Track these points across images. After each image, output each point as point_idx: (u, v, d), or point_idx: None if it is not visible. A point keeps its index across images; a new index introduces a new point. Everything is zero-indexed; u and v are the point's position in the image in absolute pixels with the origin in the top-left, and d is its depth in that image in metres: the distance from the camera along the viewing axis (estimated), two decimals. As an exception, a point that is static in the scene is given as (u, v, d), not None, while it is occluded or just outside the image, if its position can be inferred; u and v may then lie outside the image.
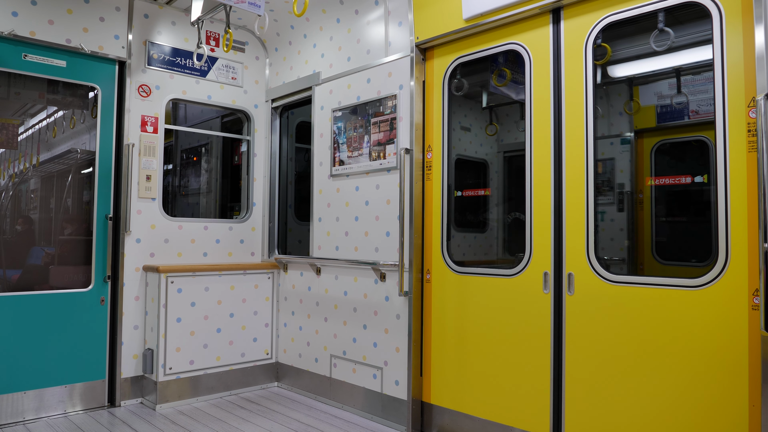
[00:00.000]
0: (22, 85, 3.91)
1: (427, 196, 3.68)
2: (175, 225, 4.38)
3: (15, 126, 3.92)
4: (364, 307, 3.95)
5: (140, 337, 4.19)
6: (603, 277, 2.81)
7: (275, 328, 4.71)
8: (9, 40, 3.70)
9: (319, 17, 4.36)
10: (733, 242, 2.43)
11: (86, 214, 4.12)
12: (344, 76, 4.18)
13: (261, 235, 4.88)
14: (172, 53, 4.40)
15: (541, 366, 3.04)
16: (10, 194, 3.96)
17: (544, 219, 3.06)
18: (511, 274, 3.20)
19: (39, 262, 3.97)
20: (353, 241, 4.05)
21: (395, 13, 3.82)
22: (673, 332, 2.57)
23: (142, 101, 4.23)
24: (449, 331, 3.51)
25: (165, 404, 4.05)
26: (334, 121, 4.24)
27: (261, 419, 3.83)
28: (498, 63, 3.64)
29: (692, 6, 2.60)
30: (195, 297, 4.25)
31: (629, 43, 3.41)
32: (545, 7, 3.03)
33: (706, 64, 3.15)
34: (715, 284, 2.47)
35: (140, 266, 4.20)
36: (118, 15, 4.11)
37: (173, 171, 5.91)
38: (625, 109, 3.81)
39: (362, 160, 3.99)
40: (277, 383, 4.70)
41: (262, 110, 4.94)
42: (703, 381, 2.49)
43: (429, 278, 3.65)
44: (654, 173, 3.81)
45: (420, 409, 3.64)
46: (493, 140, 4.38)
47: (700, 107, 3.44)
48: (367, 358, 3.91)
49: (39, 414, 3.78)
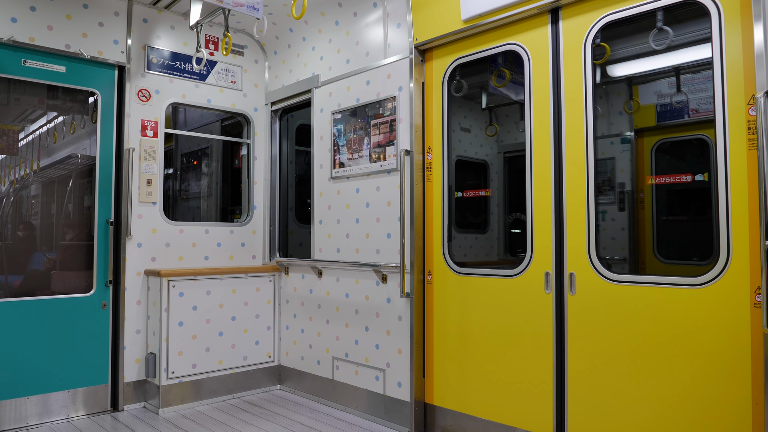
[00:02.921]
0: (21, 91, 3.91)
1: (428, 197, 3.68)
2: (176, 229, 4.38)
3: (15, 132, 3.93)
4: (365, 308, 3.95)
5: (142, 342, 4.19)
6: (604, 276, 2.81)
7: (277, 331, 4.71)
8: (8, 46, 3.71)
9: (317, 20, 4.36)
10: (734, 240, 2.43)
11: (87, 219, 4.13)
12: (343, 78, 4.18)
13: (262, 238, 4.88)
14: (172, 57, 4.41)
15: (543, 366, 3.04)
16: (11, 200, 3.97)
17: (545, 219, 3.06)
18: (513, 275, 3.20)
19: (40, 268, 3.97)
20: (354, 243, 4.05)
21: (394, 14, 3.83)
22: (675, 331, 2.57)
23: (141, 106, 4.23)
24: (451, 332, 3.51)
25: (168, 408, 4.05)
26: (333, 124, 4.24)
27: (264, 422, 3.83)
28: (497, 64, 3.64)
29: (691, 4, 2.60)
30: (197, 301, 4.25)
31: (628, 43, 3.40)
32: (543, 7, 3.04)
33: (706, 63, 3.14)
34: (717, 282, 2.47)
35: (141, 270, 4.20)
36: (117, 20, 4.12)
37: (174, 175, 5.91)
38: (625, 108, 3.81)
39: (362, 162, 3.99)
40: (279, 386, 4.70)
41: (262, 113, 4.94)
42: (706, 379, 2.49)
43: (430, 279, 3.64)
44: (654, 172, 3.81)
45: (423, 411, 3.63)
46: (493, 141, 4.38)
47: (699, 106, 3.44)
48: (369, 360, 3.91)
49: (42, 419, 3.78)
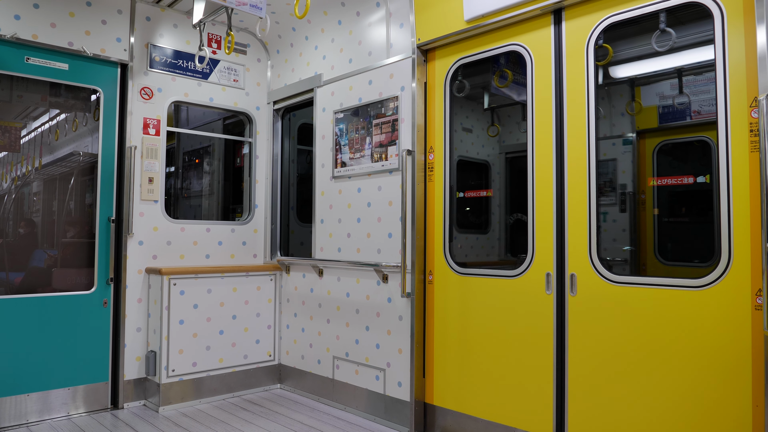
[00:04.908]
0: (24, 88, 3.92)
1: (429, 197, 3.68)
2: (177, 227, 4.38)
3: (17, 129, 3.93)
4: (366, 308, 3.95)
5: (143, 340, 4.20)
6: (605, 277, 2.81)
7: (278, 330, 4.72)
8: (11, 43, 3.71)
9: (320, 19, 4.36)
10: (735, 242, 2.43)
11: (89, 216, 4.13)
12: (346, 77, 4.18)
13: (263, 236, 4.88)
14: (174, 56, 4.41)
15: (543, 367, 3.04)
16: (12, 197, 3.97)
17: (546, 220, 3.06)
18: (514, 275, 3.20)
19: (42, 265, 3.98)
20: (355, 243, 4.05)
21: (396, 14, 3.83)
22: (676, 332, 2.57)
23: (144, 104, 4.24)
24: (452, 333, 3.51)
25: (168, 406, 4.06)
26: (335, 123, 4.25)
27: (264, 421, 3.84)
28: (499, 64, 3.64)
29: (694, 6, 2.59)
30: (197, 299, 4.25)
31: (631, 44, 3.40)
32: (546, 8, 3.04)
33: (708, 65, 3.14)
34: (718, 284, 2.47)
35: (143, 268, 4.20)
36: (120, 18, 4.13)
37: (175, 173, 5.92)
38: (627, 109, 3.81)
39: (364, 161, 4.00)
40: (279, 385, 4.71)
41: (264, 112, 4.94)
42: (706, 381, 2.49)
43: (431, 279, 3.64)
44: (656, 174, 3.81)
45: (423, 411, 3.64)
46: (495, 141, 4.38)
47: (702, 107, 3.43)
48: (369, 360, 3.91)
49: (42, 416, 3.78)
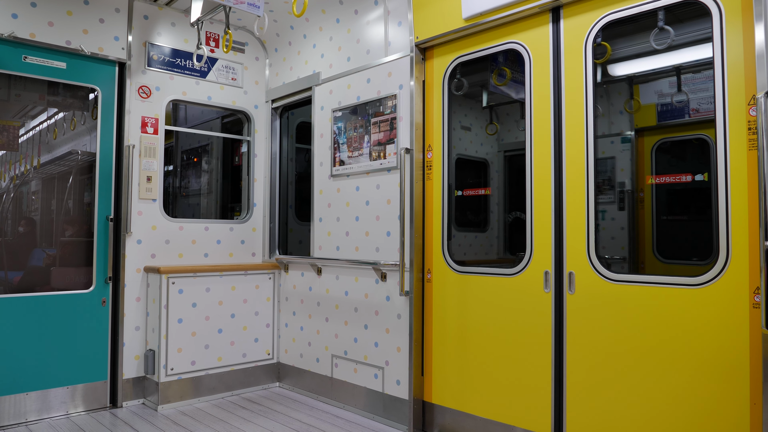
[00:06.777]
0: (22, 87, 3.91)
1: (428, 195, 3.68)
2: (175, 226, 4.38)
3: (15, 128, 3.93)
4: (365, 307, 3.95)
5: (142, 338, 4.20)
6: (604, 275, 2.81)
7: (276, 329, 4.72)
8: (9, 42, 3.71)
9: (318, 17, 4.36)
10: (733, 240, 2.43)
11: (87, 215, 4.13)
12: (344, 76, 4.18)
13: (262, 235, 4.88)
14: (172, 54, 4.41)
15: (542, 365, 3.04)
16: (11, 196, 3.97)
17: (544, 218, 3.06)
18: (512, 274, 3.20)
19: (40, 264, 3.97)
20: (354, 241, 4.05)
21: (395, 12, 3.82)
22: (674, 331, 2.57)
23: (142, 102, 4.23)
24: (450, 331, 3.51)
25: (167, 405, 4.06)
26: (334, 122, 4.24)
27: (263, 419, 3.84)
28: (498, 62, 3.64)
29: (692, 4, 2.59)
30: (196, 298, 4.25)
31: (629, 42, 3.40)
32: (545, 6, 3.03)
33: (707, 63, 3.15)
34: (716, 282, 2.47)
35: (141, 267, 4.20)
36: (117, 16, 4.12)
37: (174, 172, 5.91)
38: (626, 107, 3.81)
39: (362, 160, 3.99)
40: (278, 383, 4.71)
41: (263, 111, 4.94)
42: (704, 379, 2.49)
43: (430, 278, 3.65)
44: (654, 172, 3.81)
45: (421, 409, 3.64)
46: (494, 139, 4.38)
47: (700, 105, 3.44)
48: (368, 358, 3.91)
49: (41, 415, 3.79)
